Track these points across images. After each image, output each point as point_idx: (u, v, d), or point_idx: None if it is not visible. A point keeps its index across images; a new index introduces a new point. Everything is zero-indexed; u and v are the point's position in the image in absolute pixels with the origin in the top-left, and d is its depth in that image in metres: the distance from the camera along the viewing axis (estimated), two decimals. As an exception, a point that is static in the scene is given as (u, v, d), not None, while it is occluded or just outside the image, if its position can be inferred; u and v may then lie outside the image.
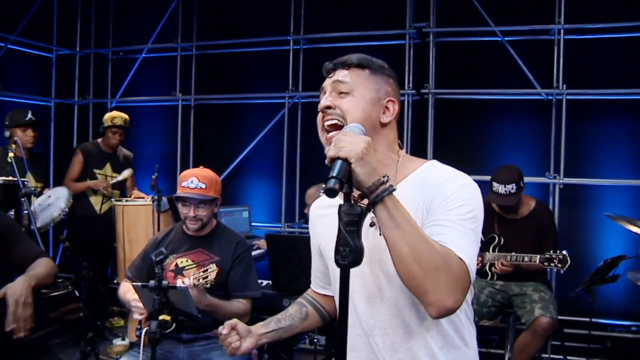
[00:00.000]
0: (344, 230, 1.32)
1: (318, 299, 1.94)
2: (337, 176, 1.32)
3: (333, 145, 1.37)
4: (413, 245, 1.36)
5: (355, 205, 1.33)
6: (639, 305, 5.19)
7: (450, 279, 1.38)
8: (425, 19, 5.55)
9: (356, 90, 1.61)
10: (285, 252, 3.74)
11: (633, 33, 5.19)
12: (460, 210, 1.48)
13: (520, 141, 5.56)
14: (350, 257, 1.30)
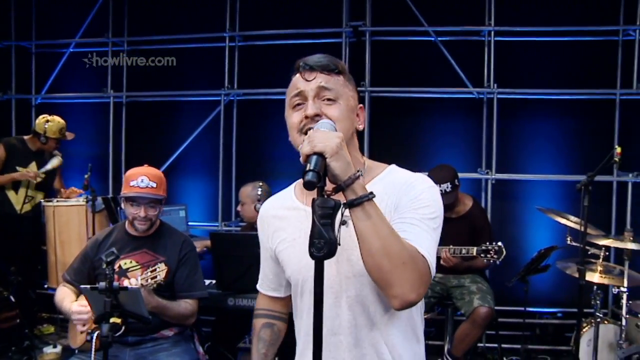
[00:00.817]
0: (318, 223, 1.34)
1: (274, 307, 1.91)
2: (315, 169, 1.33)
3: (307, 142, 1.39)
4: (384, 239, 1.41)
5: (329, 199, 1.35)
6: (564, 293, 5.47)
7: (415, 274, 1.43)
8: (361, 18, 5.61)
9: (340, 98, 1.62)
10: (230, 251, 3.69)
11: (560, 37, 5.47)
12: (425, 211, 1.55)
13: (453, 138, 5.72)
14: (325, 249, 1.33)
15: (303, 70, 1.63)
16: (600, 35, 5.51)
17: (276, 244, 1.77)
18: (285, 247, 1.74)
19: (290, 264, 1.71)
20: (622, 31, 5.46)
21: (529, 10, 5.49)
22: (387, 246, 1.41)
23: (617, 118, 5.49)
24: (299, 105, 1.63)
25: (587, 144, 5.59)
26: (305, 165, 1.36)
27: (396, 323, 1.62)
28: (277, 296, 1.89)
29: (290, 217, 1.74)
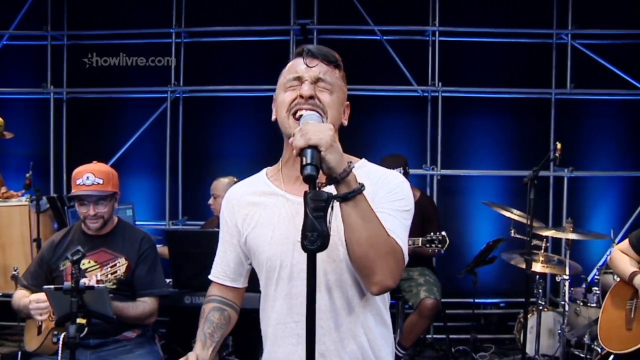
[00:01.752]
0: (311, 216, 1.34)
1: (228, 296, 1.86)
2: (313, 162, 1.34)
3: (300, 136, 1.38)
4: (372, 230, 1.45)
5: (321, 192, 1.35)
6: (506, 284, 5.71)
7: (394, 263, 1.50)
8: (308, 16, 5.65)
9: (334, 90, 1.65)
10: (187, 248, 3.63)
11: (500, 38, 5.72)
12: (400, 203, 1.60)
13: (399, 135, 5.85)
14: (318, 242, 1.33)
15: (306, 56, 1.64)
16: (536, 38, 5.80)
17: (249, 229, 1.73)
18: (261, 232, 1.69)
19: (266, 250, 1.67)
20: (555, 34, 5.75)
21: (471, 12, 5.72)
22: (374, 237, 1.46)
23: (552, 116, 5.78)
24: (292, 87, 1.63)
25: (525, 141, 5.86)
26: (301, 159, 1.36)
27: (369, 307, 1.66)
28: (234, 286, 1.84)
29: (267, 202, 1.71)
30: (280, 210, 1.67)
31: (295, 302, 1.64)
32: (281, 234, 1.65)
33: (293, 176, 1.69)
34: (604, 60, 5.74)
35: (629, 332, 2.96)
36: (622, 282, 3.16)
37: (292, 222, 1.64)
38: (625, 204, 5.92)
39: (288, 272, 1.64)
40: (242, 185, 1.82)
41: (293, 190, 1.68)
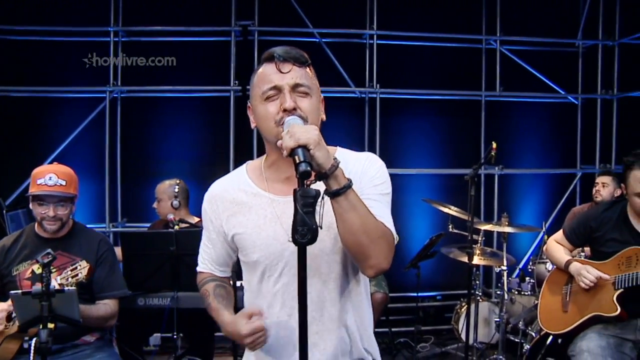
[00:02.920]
0: (301, 211, 1.41)
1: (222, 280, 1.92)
2: (306, 160, 1.42)
3: (289, 137, 1.46)
4: (362, 218, 1.54)
5: (310, 189, 1.43)
6: (442, 277, 5.98)
7: (387, 246, 1.60)
8: (249, 18, 5.69)
9: (312, 92, 1.69)
10: (141, 250, 3.61)
11: (435, 42, 6.00)
12: (382, 187, 1.70)
13: (338, 136, 5.90)
14: (308, 236, 1.41)
15: (278, 61, 1.67)
16: (467, 43, 6.10)
17: (233, 229, 1.77)
18: (248, 234, 1.74)
19: (255, 251, 1.72)
20: (484, 40, 6.08)
21: (408, 17, 5.94)
22: (365, 224, 1.54)
23: (482, 117, 6.11)
24: (272, 97, 1.66)
25: (457, 140, 6.16)
26: (294, 158, 1.43)
27: (355, 297, 1.75)
28: (224, 276, 1.91)
29: (252, 203, 1.75)
30: (265, 212, 1.73)
31: (287, 297, 1.71)
32: (268, 235, 1.71)
33: (277, 178, 1.75)
34: (529, 66, 6.14)
35: (565, 314, 3.22)
36: (557, 270, 3.42)
37: (279, 223, 1.70)
38: (550, 199, 6.36)
39: (279, 270, 1.71)
40: (224, 183, 1.85)
41: (277, 191, 1.74)
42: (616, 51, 6.30)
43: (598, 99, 6.38)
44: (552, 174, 6.40)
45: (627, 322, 2.98)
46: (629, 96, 6.19)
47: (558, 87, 6.25)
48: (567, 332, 3.14)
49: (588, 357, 2.87)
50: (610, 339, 2.96)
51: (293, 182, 1.65)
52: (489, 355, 4.71)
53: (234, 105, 5.65)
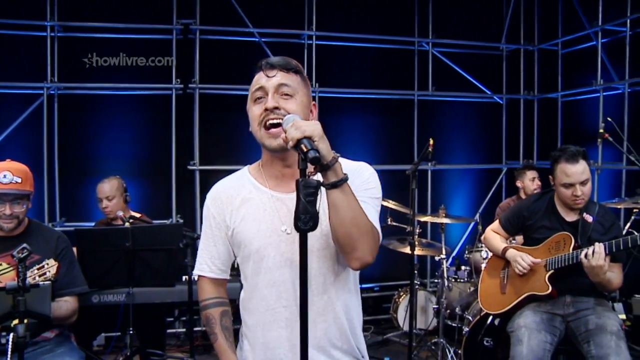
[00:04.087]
0: (304, 200, 1.50)
1: (221, 292, 1.98)
2: (314, 147, 1.52)
3: (294, 130, 1.55)
4: (354, 212, 1.65)
5: (311, 179, 1.53)
6: (379, 269, 6.23)
7: (373, 242, 1.71)
8: (191, 16, 5.73)
9: (297, 94, 1.79)
10: (96, 246, 3.62)
11: (370, 44, 6.27)
12: (372, 192, 1.82)
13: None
14: (310, 222, 1.51)
15: (265, 68, 1.79)
16: (401, 45, 6.39)
17: (236, 222, 1.86)
18: (248, 226, 1.83)
19: (254, 242, 1.81)
20: (417, 42, 6.40)
21: (346, 19, 6.15)
22: (356, 217, 1.64)
23: (415, 115, 6.44)
24: (259, 99, 1.78)
25: (392, 138, 6.44)
26: (301, 148, 1.53)
27: (345, 289, 1.86)
28: (223, 278, 1.97)
29: (253, 198, 1.85)
30: (265, 206, 1.83)
31: (282, 288, 1.80)
32: (267, 227, 1.80)
33: (274, 175, 1.86)
34: (459, 67, 6.51)
35: (504, 295, 3.51)
36: (495, 257, 3.72)
37: (277, 216, 1.81)
38: (479, 192, 6.78)
39: (275, 262, 1.80)
40: (227, 182, 1.95)
41: (275, 187, 1.85)
42: (536, 55, 6.83)
43: (521, 99, 6.88)
44: (480, 169, 6.82)
45: (557, 299, 3.29)
46: (548, 97, 6.71)
47: (485, 87, 6.67)
48: (505, 311, 3.44)
49: (525, 332, 3.16)
50: (543, 315, 3.26)
51: (286, 180, 1.83)
52: (428, 340, 5.01)
53: (175, 103, 5.67)
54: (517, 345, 3.12)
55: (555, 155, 3.38)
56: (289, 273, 1.78)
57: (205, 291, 1.97)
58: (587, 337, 3.09)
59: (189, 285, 3.72)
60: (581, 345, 3.12)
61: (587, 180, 3.28)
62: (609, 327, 3.07)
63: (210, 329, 1.94)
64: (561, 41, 6.47)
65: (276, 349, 1.82)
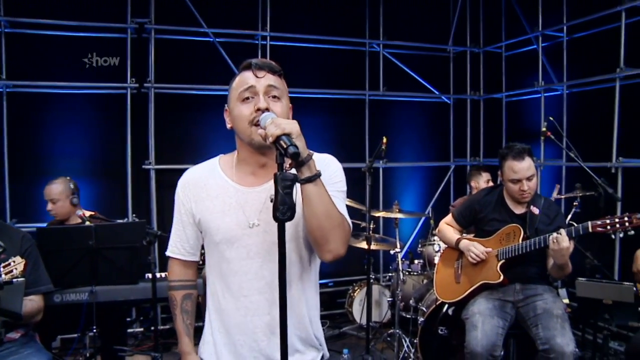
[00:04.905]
0: (282, 192, 1.57)
1: (189, 275, 2.09)
2: (293, 144, 1.61)
3: (274, 127, 1.63)
4: (327, 205, 1.73)
5: (288, 173, 1.60)
6: (331, 265, 6.37)
7: (345, 234, 1.80)
8: (145, 15, 5.70)
9: (283, 97, 1.87)
10: (58, 245, 3.61)
11: (324, 45, 6.40)
12: (339, 185, 1.92)
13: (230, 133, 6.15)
14: (288, 213, 1.58)
15: (255, 68, 1.85)
16: (353, 46, 6.56)
17: (200, 212, 1.94)
18: (214, 217, 1.91)
19: (218, 233, 1.89)
20: (368, 44, 6.59)
21: (299, 20, 6.26)
22: (329, 211, 1.73)
23: (367, 115, 6.62)
24: (248, 98, 1.83)
25: (344, 136, 6.59)
26: (281, 144, 1.61)
27: (308, 283, 1.97)
28: (192, 260, 2.06)
29: (219, 190, 1.93)
30: (230, 200, 1.90)
31: (245, 278, 1.88)
32: (231, 220, 1.88)
33: (246, 171, 1.93)
34: (408, 68, 6.74)
35: (458, 284, 3.72)
36: (449, 248, 3.93)
37: (242, 210, 1.89)
38: (428, 189, 7.03)
39: (239, 253, 1.88)
40: (196, 172, 2.01)
41: (243, 182, 1.92)
42: (481, 57, 7.15)
43: (467, 99, 7.18)
44: (429, 166, 7.07)
45: (508, 287, 3.52)
46: (493, 97, 7.04)
47: (433, 88, 6.91)
48: (460, 299, 3.65)
49: (479, 318, 3.37)
50: (495, 302, 3.49)
51: (259, 176, 1.92)
52: (384, 332, 5.18)
53: (130, 102, 5.65)
54: (472, 331, 3.33)
55: (503, 153, 3.60)
56: (252, 264, 1.87)
57: (173, 272, 2.08)
58: (536, 321, 3.32)
59: (153, 283, 3.75)
60: (530, 329, 3.36)
61: (532, 175, 3.52)
62: (554, 311, 3.31)
63: (172, 309, 2.06)
64: (504, 44, 6.81)
65: (236, 335, 1.91)
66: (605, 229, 3.09)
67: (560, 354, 3.10)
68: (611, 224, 3.07)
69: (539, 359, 3.23)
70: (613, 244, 5.11)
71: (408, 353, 4.61)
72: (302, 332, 1.95)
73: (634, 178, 5.06)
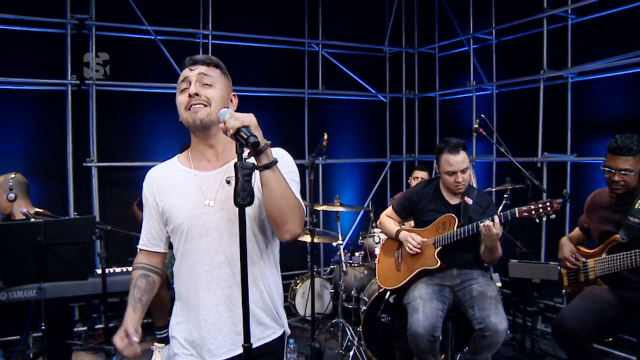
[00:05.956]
0: (242, 179, 1.72)
1: (152, 262, 2.20)
2: (253, 134, 1.75)
3: (233, 120, 1.77)
4: (283, 188, 1.89)
5: (247, 162, 1.75)
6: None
7: (301, 215, 1.97)
8: (85, 12, 5.61)
9: (216, 84, 2.04)
10: (4, 242, 3.53)
11: (265, 44, 6.52)
12: (293, 175, 2.07)
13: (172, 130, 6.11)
14: (248, 199, 1.72)
15: (189, 64, 2.06)
16: (293, 45, 6.72)
17: (163, 199, 2.09)
18: (174, 202, 2.06)
19: (179, 215, 2.04)
20: (307, 43, 6.75)
21: (241, 19, 6.35)
22: (285, 193, 1.89)
23: (306, 113, 6.78)
24: (185, 89, 2.02)
25: (284, 134, 6.71)
26: (242, 135, 1.75)
27: (268, 260, 2.10)
28: (157, 251, 2.19)
29: (178, 177, 2.09)
30: (189, 184, 2.06)
31: (205, 254, 2.01)
32: (190, 201, 2.03)
33: (200, 157, 2.10)
34: (346, 67, 6.94)
35: (399, 272, 3.93)
36: (389, 239, 4.13)
37: (200, 192, 2.03)
38: (366, 184, 7.27)
39: (199, 231, 2.01)
40: (158, 167, 2.19)
41: (199, 168, 2.08)
42: (416, 58, 7.46)
43: (403, 97, 7.49)
44: (367, 162, 7.31)
45: (445, 272, 3.77)
46: (427, 96, 7.35)
47: (370, 86, 7.16)
48: (401, 286, 3.86)
49: (420, 302, 3.58)
50: (434, 287, 3.72)
51: (212, 159, 2.08)
52: (327, 323, 5.35)
53: (71, 99, 5.56)
54: (414, 314, 3.53)
55: (439, 147, 3.83)
56: (211, 241, 2.01)
57: (137, 258, 2.22)
58: (472, 303, 3.57)
59: (103, 278, 3.76)
60: (467, 310, 3.60)
61: (467, 168, 3.77)
62: (488, 293, 3.57)
63: (130, 286, 2.17)
64: (438, 46, 7.15)
65: (200, 310, 2.02)
66: (530, 213, 3.39)
67: (494, 332, 3.37)
68: (535, 209, 3.37)
69: (475, 338, 3.48)
70: (540, 230, 5.51)
71: (352, 341, 4.79)
72: (263, 306, 2.08)
73: (557, 171, 5.47)
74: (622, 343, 4.59)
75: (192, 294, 2.05)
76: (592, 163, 5.15)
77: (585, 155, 5.27)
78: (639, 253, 3.27)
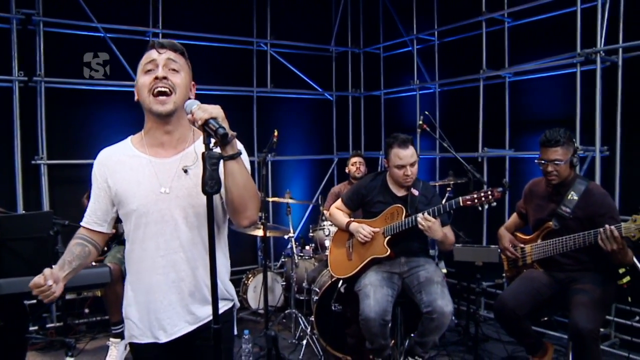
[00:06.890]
0: (209, 169, 1.77)
1: (93, 236, 2.21)
2: (222, 125, 1.83)
3: (202, 111, 1.84)
4: (245, 178, 1.98)
5: (214, 152, 1.81)
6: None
7: (258, 203, 2.08)
8: (31, 7, 5.52)
9: (182, 71, 2.09)
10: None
11: (214, 43, 6.59)
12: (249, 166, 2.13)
13: (121, 127, 6.10)
14: (216, 187, 1.77)
15: (157, 46, 2.08)
16: (242, 45, 6.82)
17: (117, 183, 2.11)
18: (130, 187, 2.08)
19: (134, 201, 2.07)
20: (255, 43, 6.85)
21: (191, 18, 6.41)
22: (247, 182, 1.98)
23: (254, 111, 6.89)
24: (150, 71, 2.04)
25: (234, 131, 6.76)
26: (210, 126, 1.83)
27: (219, 245, 2.17)
28: (99, 230, 2.21)
29: (133, 162, 2.10)
30: (144, 170, 2.09)
31: (161, 239, 2.07)
32: (146, 188, 2.07)
33: (154, 143, 2.12)
34: (294, 67, 7.09)
35: (350, 261, 4.10)
36: (340, 230, 4.30)
37: (155, 178, 2.08)
38: (313, 180, 7.46)
39: (154, 218, 2.06)
40: (111, 149, 2.19)
41: (154, 154, 2.11)
42: (361, 57, 7.68)
43: (349, 96, 7.71)
44: (315, 159, 7.48)
45: (394, 260, 3.96)
46: (372, 94, 7.59)
47: (317, 85, 7.33)
48: (353, 274, 4.03)
49: (371, 288, 3.76)
50: (384, 274, 3.91)
51: (167, 146, 2.12)
52: (279, 315, 5.48)
53: (18, 95, 5.46)
54: (365, 300, 3.71)
55: (389, 142, 4.01)
56: (167, 227, 2.07)
57: (78, 232, 2.22)
58: (419, 288, 3.78)
59: (58, 272, 3.75)
60: (414, 295, 3.80)
61: (415, 162, 3.96)
62: (435, 278, 3.79)
63: None
64: (382, 46, 7.39)
65: (155, 293, 2.09)
66: (474, 202, 3.63)
67: (440, 314, 3.59)
68: (478, 198, 3.61)
69: (423, 321, 3.70)
70: (481, 220, 5.82)
71: (305, 331, 4.93)
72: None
73: (496, 165, 5.79)
74: (556, 324, 4.93)
75: (146, 277, 2.10)
76: (528, 157, 5.48)
77: (522, 150, 5.60)
78: (569, 239, 3.56)
